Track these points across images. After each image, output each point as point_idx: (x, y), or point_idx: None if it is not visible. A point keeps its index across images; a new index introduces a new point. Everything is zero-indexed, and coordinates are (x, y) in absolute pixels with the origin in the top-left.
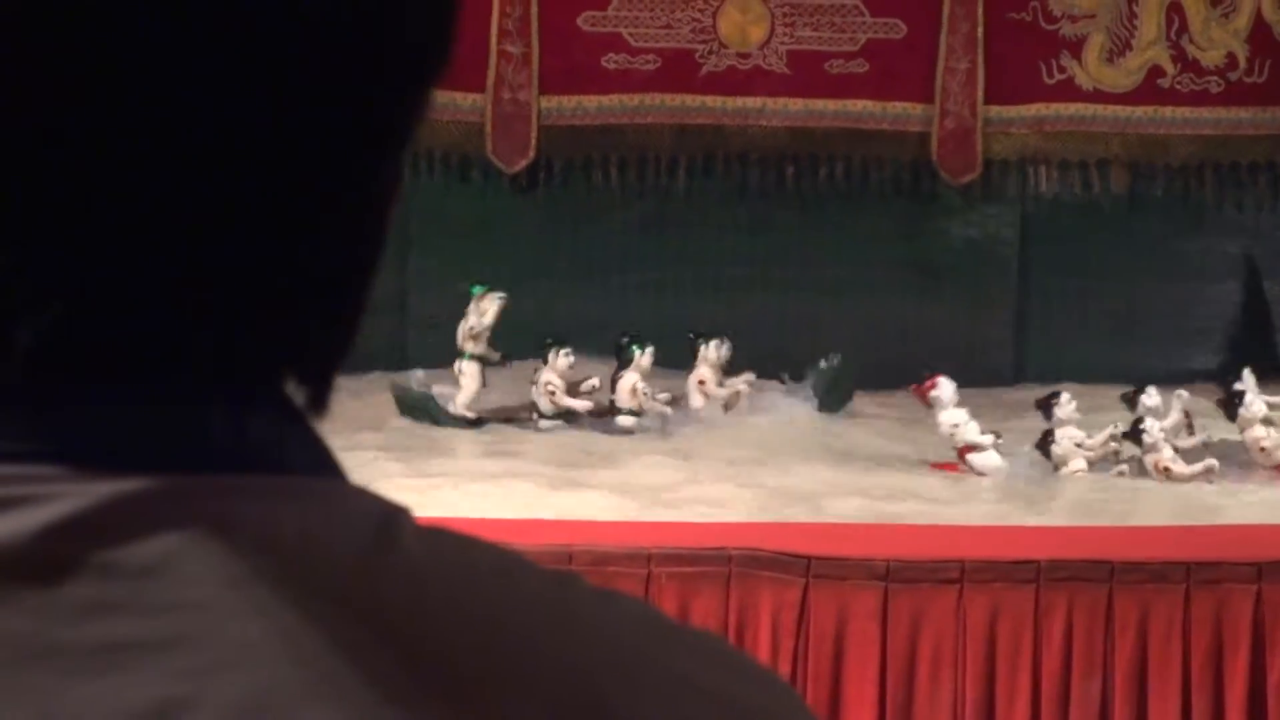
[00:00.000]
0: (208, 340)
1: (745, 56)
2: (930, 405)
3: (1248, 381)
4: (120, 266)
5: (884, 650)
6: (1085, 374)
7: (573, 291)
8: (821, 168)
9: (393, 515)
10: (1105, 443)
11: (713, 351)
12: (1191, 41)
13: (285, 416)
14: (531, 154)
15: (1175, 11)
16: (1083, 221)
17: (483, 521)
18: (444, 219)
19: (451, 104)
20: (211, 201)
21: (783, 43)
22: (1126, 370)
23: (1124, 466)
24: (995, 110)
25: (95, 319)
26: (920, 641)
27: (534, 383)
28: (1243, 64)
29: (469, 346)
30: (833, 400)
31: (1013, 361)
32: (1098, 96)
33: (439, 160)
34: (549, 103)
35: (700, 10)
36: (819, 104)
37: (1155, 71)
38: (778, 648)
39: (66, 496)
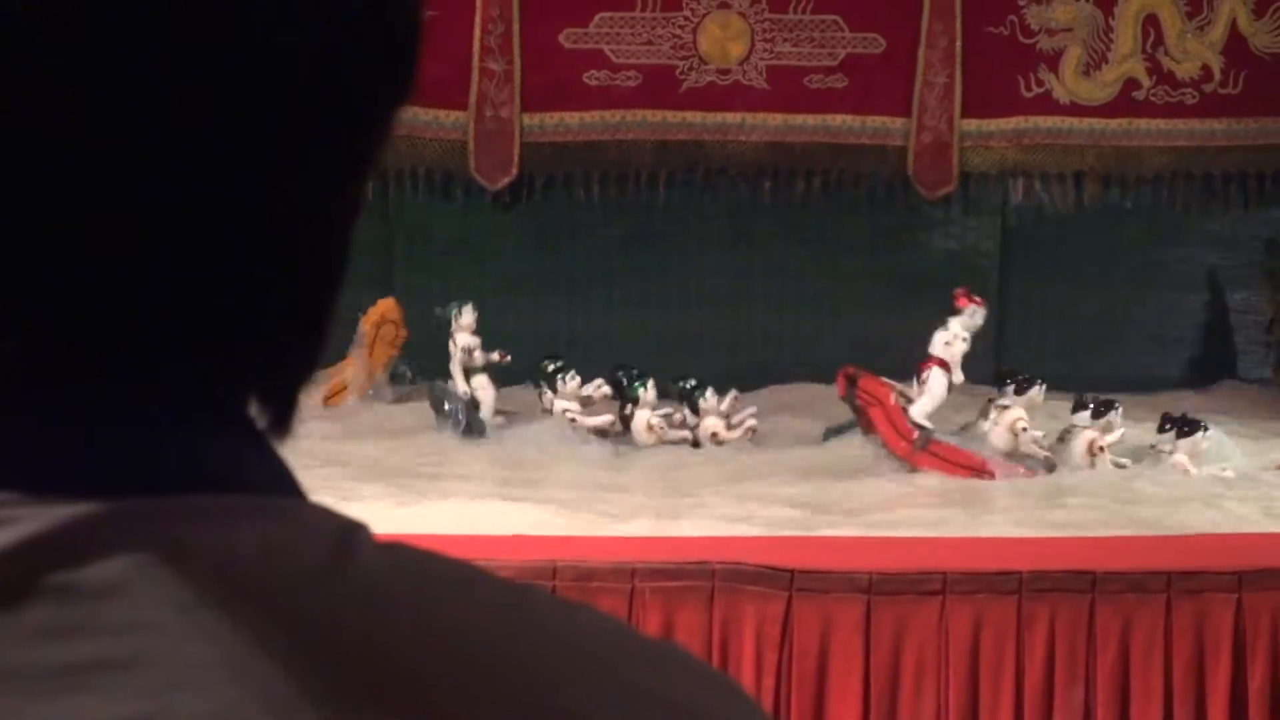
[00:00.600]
0: (168, 363)
1: (725, 72)
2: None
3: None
4: (79, 292)
5: (867, 662)
6: (1064, 383)
7: (555, 307)
8: (801, 181)
9: (350, 531)
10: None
11: (716, 401)
12: (1167, 54)
13: (246, 437)
14: (514, 171)
15: (1151, 24)
16: (1061, 233)
17: (468, 538)
18: (427, 236)
19: (434, 122)
20: (171, 225)
21: (763, 58)
22: (1104, 379)
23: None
24: (974, 124)
25: (53, 344)
26: (903, 653)
27: (548, 410)
28: (1217, 76)
29: (476, 358)
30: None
31: (993, 372)
32: (1074, 109)
33: (422, 178)
34: (531, 120)
35: (681, 27)
36: (798, 119)
37: (1131, 84)
38: (761, 661)
39: (24, 520)
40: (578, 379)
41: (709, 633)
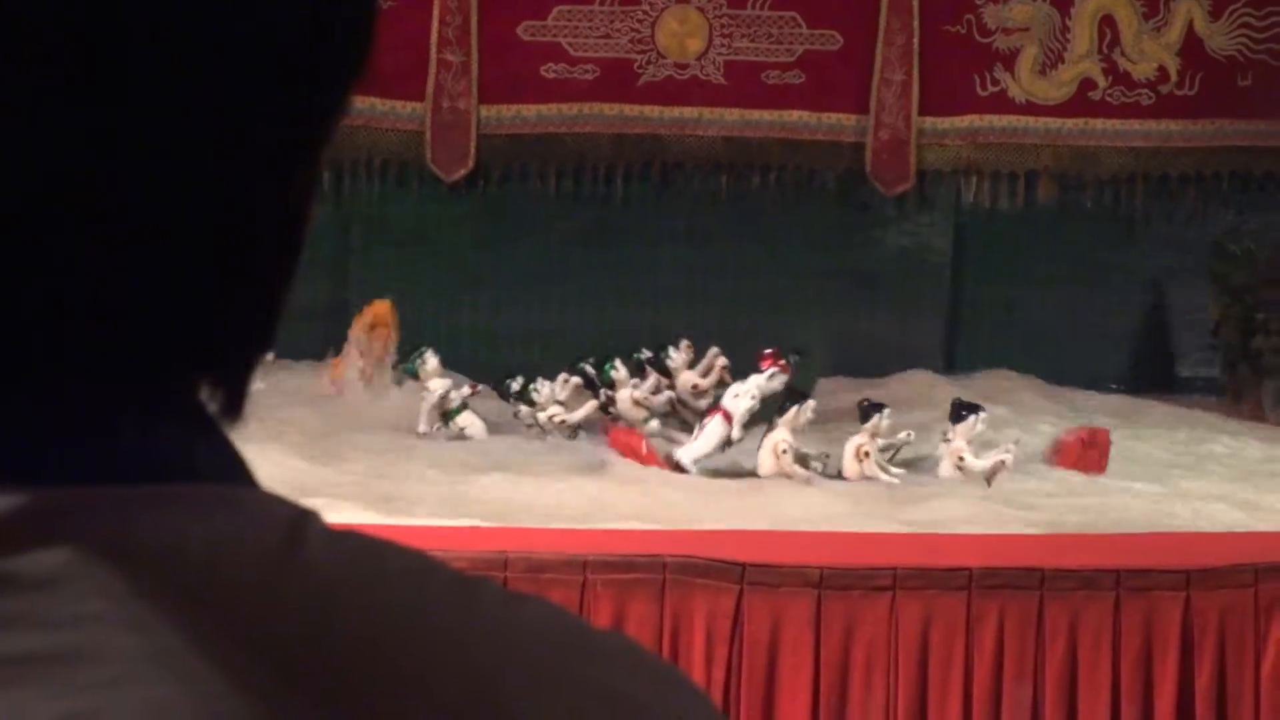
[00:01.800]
0: (116, 347)
1: (683, 67)
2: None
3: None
4: (22, 273)
5: (817, 656)
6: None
7: (511, 300)
8: (757, 177)
9: (300, 520)
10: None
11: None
12: (1123, 54)
13: (197, 424)
14: (470, 163)
15: (1108, 24)
16: (1014, 232)
17: (421, 529)
18: (383, 227)
19: (391, 112)
20: (117, 213)
21: (720, 53)
22: (1054, 377)
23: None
24: (929, 122)
25: None
26: (853, 647)
27: (532, 425)
28: (1174, 77)
29: (453, 399)
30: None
31: (944, 369)
32: (1030, 109)
33: (378, 168)
34: (488, 111)
35: (639, 21)
36: (755, 114)
37: (1087, 84)
38: (712, 655)
39: None
40: (547, 384)
41: (660, 625)
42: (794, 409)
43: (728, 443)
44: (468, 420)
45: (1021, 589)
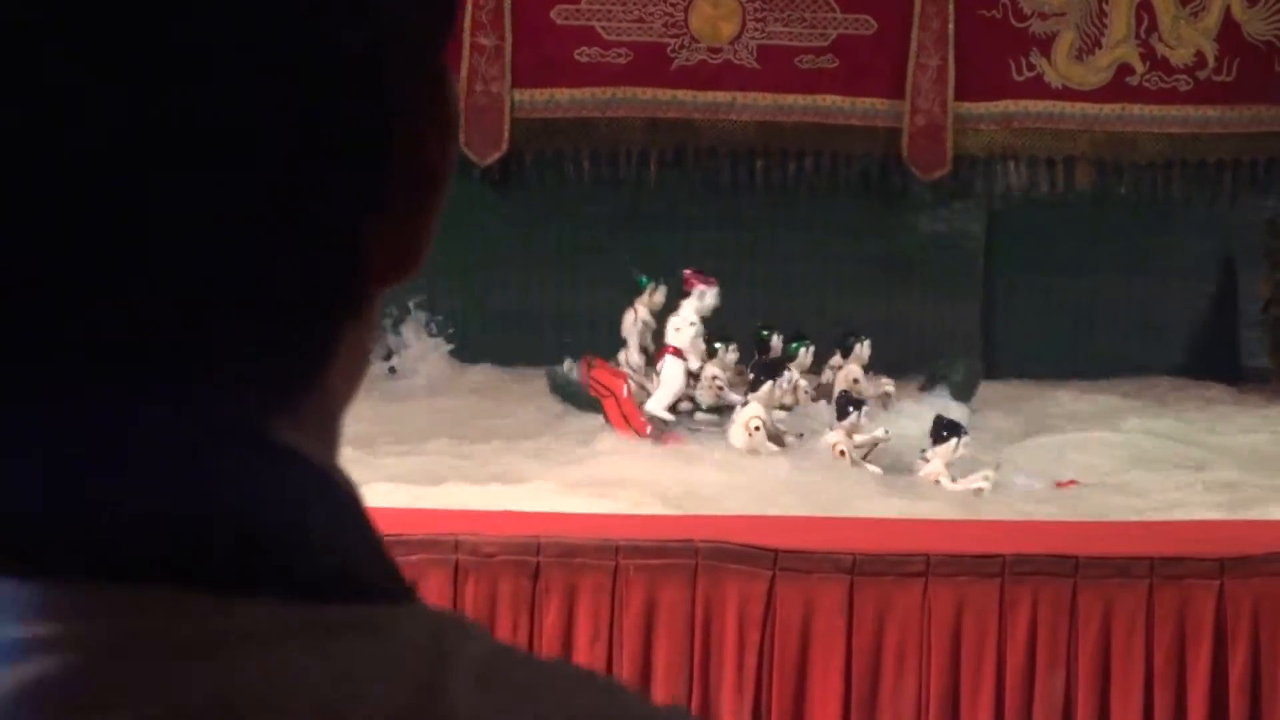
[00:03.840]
0: (220, 368)
1: (716, 51)
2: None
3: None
4: (89, 281)
5: (849, 642)
6: (1051, 369)
7: (544, 284)
8: (790, 162)
9: (443, 653)
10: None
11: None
12: (1161, 40)
13: (299, 463)
14: (504, 146)
15: (1145, 10)
16: (1050, 218)
17: (455, 513)
18: None
19: None
20: (225, 215)
21: (753, 38)
22: (1090, 365)
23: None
24: (965, 107)
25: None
26: (885, 634)
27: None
28: (1211, 62)
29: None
30: (965, 392)
31: (980, 356)
32: (1066, 94)
33: None
34: (521, 95)
35: (672, 5)
36: (788, 99)
37: (1124, 69)
38: (744, 640)
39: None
40: (737, 354)
41: (692, 611)
42: (769, 384)
43: (691, 375)
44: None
45: (1054, 576)
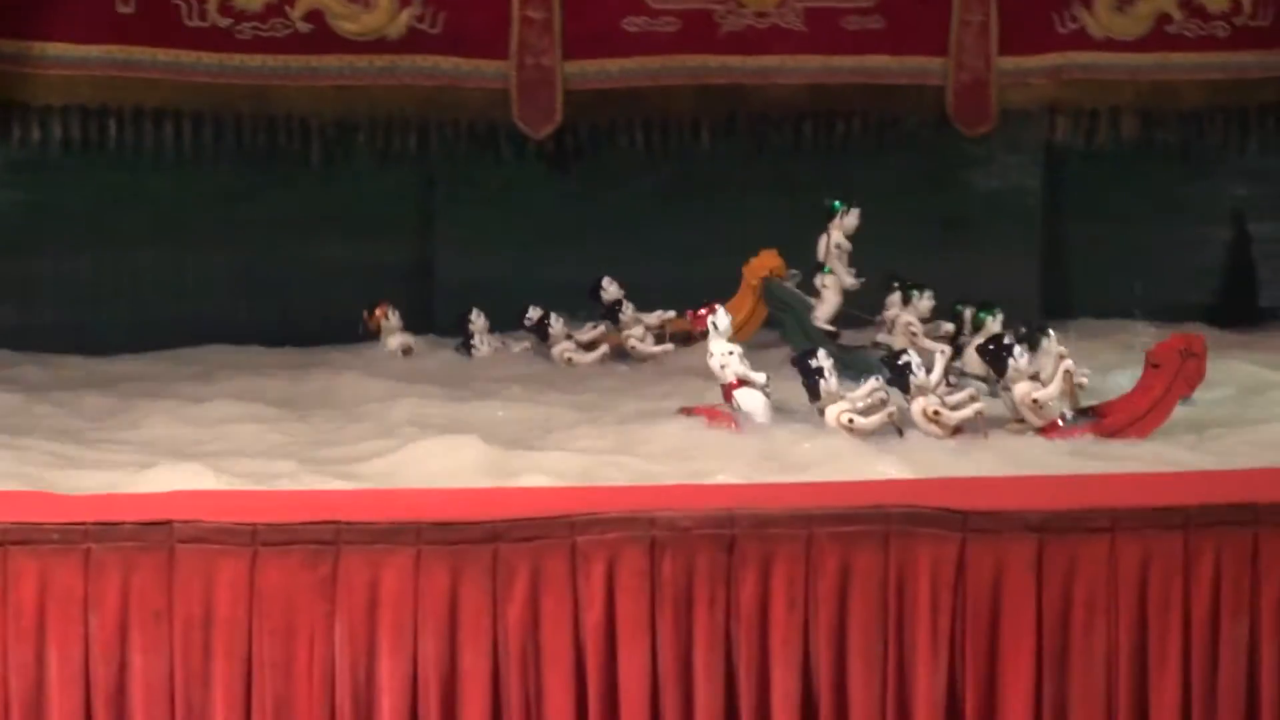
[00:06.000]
0: None
1: (763, 15)
2: (705, 334)
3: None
4: None
5: (1040, 600)
6: (1103, 314)
7: (599, 255)
8: (840, 123)
9: None
10: (871, 392)
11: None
12: None
13: None
14: (558, 118)
15: None
16: (1098, 168)
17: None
18: (470, 186)
19: (475, 71)
20: None
21: (800, 1)
22: (1138, 310)
23: (891, 410)
24: (1010, 61)
25: None
26: (1074, 590)
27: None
28: (1247, 8)
29: (831, 262)
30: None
31: (1040, 308)
32: (1109, 45)
33: (465, 129)
34: (572, 67)
35: None
36: (836, 60)
37: (1163, 19)
38: (937, 602)
39: None
40: (933, 301)
41: (885, 575)
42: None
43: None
44: (829, 284)
45: (1236, 525)
